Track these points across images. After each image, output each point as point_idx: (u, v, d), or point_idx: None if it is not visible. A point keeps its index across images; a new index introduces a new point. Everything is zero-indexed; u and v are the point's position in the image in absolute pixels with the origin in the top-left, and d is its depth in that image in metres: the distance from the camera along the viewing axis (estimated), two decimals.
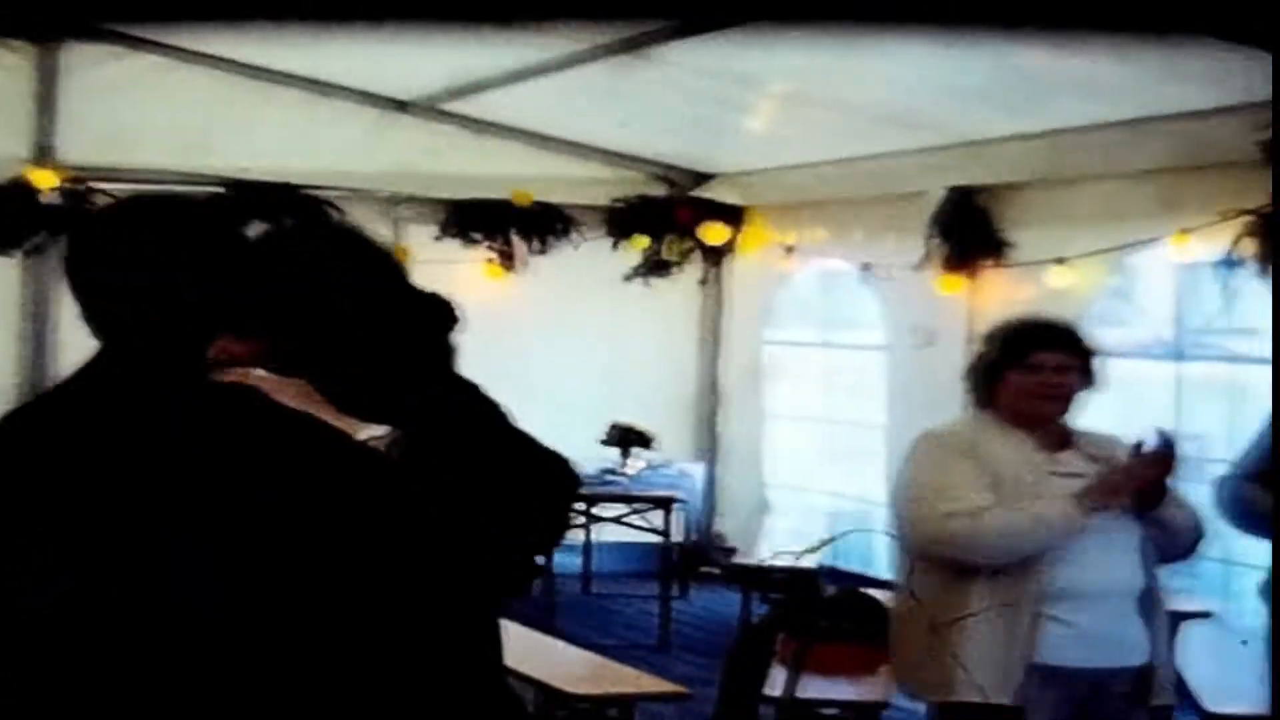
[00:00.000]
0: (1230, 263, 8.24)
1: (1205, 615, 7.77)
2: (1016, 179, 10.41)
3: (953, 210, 10.63)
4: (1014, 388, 5.31)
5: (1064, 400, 5.33)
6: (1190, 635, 7.74)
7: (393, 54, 10.07)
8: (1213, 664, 7.70)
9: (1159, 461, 5.18)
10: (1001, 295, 10.24)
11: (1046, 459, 5.27)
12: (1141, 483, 5.16)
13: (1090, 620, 5.14)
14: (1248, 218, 7.95)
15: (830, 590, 8.24)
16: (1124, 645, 5.22)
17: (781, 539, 11.47)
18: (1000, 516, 5.11)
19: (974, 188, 10.60)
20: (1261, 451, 5.72)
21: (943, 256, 10.64)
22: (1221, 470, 5.94)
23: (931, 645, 5.25)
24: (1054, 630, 5.12)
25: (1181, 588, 9.25)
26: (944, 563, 5.26)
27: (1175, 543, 5.30)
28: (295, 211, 10.86)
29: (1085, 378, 5.38)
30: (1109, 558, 5.18)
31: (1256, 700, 7.52)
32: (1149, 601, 5.26)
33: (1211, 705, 6.94)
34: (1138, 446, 5.21)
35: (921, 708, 8.52)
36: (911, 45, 8.32)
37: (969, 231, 10.54)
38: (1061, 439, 5.35)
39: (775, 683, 6.86)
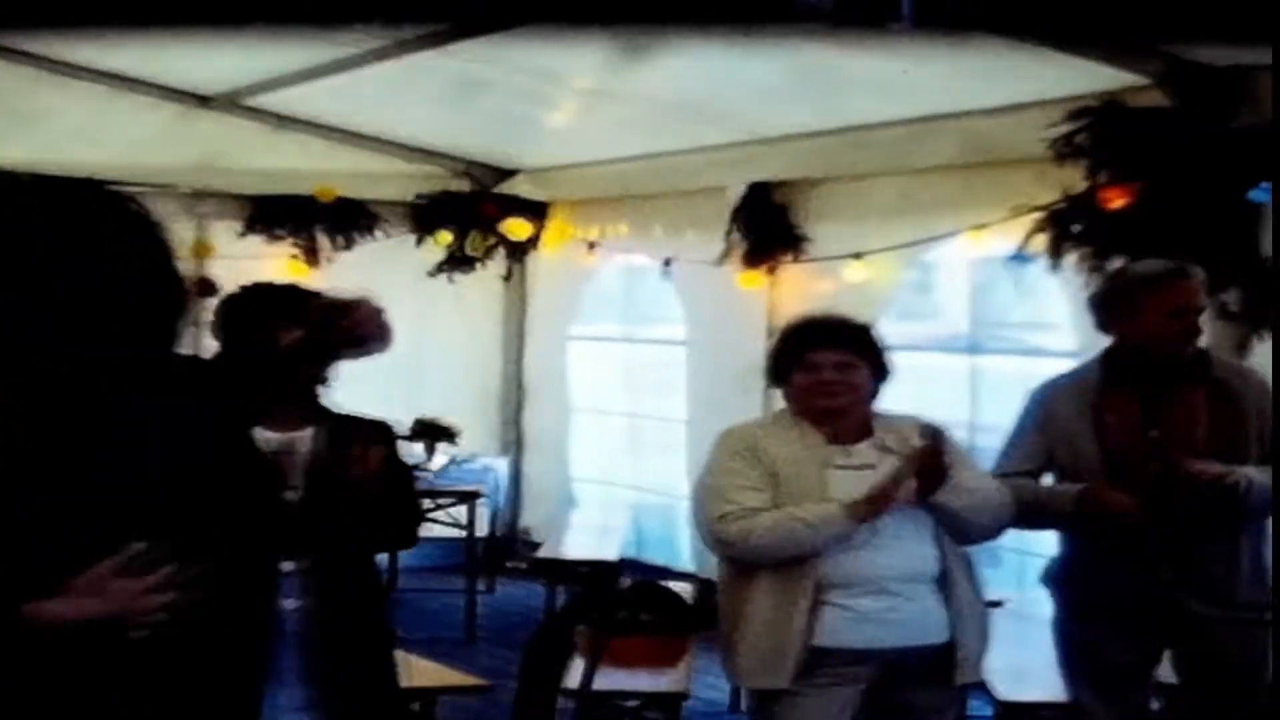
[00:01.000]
0: (1022, 258, 8.29)
1: (997, 604, 7.79)
2: (814, 175, 10.43)
3: (752, 205, 10.64)
4: (797, 386, 5.42)
5: (847, 396, 5.39)
6: None
7: (193, 49, 9.87)
8: (1008, 652, 7.73)
9: (927, 456, 5.21)
10: (800, 290, 10.27)
11: (838, 451, 5.34)
12: (924, 480, 5.21)
13: (878, 603, 5.23)
14: (1039, 213, 7.99)
15: (627, 582, 8.23)
16: (917, 625, 5.29)
17: (586, 533, 11.43)
18: (768, 520, 5.21)
19: (772, 183, 10.62)
20: (1024, 449, 5.76)
21: (742, 251, 10.65)
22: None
23: (729, 632, 5.38)
24: (838, 615, 5.21)
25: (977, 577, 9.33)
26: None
27: (965, 527, 5.37)
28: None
29: (875, 372, 5.42)
30: (899, 543, 5.27)
31: (1050, 688, 7.60)
32: (948, 583, 5.32)
33: (1006, 694, 6.98)
34: (926, 432, 5.27)
35: (722, 698, 8.58)
36: (710, 42, 8.29)
37: (768, 227, 10.55)
38: (859, 430, 5.40)
39: (575, 675, 6.82)
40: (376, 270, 12.23)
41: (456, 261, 12.90)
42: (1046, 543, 9.32)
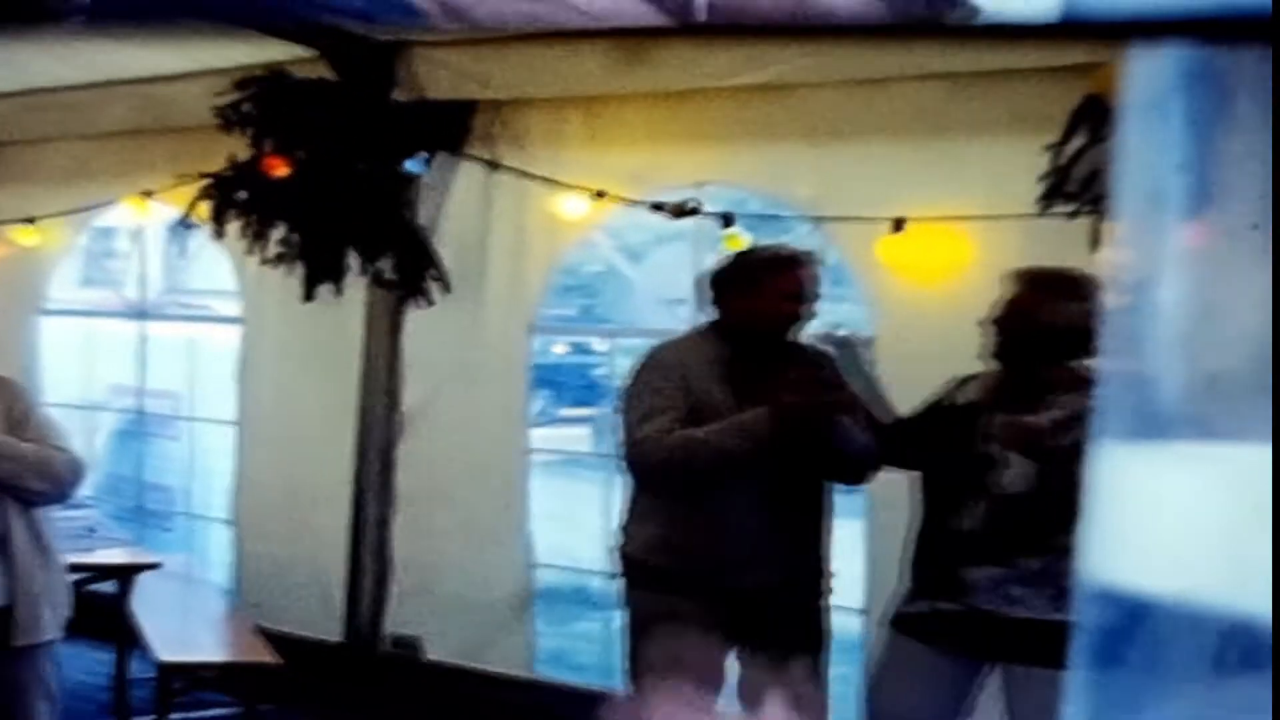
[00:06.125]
0: (187, 225, 7.97)
1: (154, 567, 7.50)
2: None
3: None
4: None
5: None
6: (145, 586, 7.47)
7: None
8: (169, 615, 7.48)
9: None
10: None
11: None
12: None
13: None
14: (205, 181, 7.69)
15: None
16: None
17: None
18: None
19: None
20: (675, 411, 5.23)
21: None
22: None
23: None
24: None
25: (148, 541, 9.06)
26: None
27: (15, 492, 5.12)
28: None
29: None
30: None
31: (209, 649, 7.41)
32: (7, 546, 5.12)
33: (164, 654, 6.82)
34: None
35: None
36: None
37: None
38: None
39: None
40: None
41: None
42: (217, 508, 9.15)
